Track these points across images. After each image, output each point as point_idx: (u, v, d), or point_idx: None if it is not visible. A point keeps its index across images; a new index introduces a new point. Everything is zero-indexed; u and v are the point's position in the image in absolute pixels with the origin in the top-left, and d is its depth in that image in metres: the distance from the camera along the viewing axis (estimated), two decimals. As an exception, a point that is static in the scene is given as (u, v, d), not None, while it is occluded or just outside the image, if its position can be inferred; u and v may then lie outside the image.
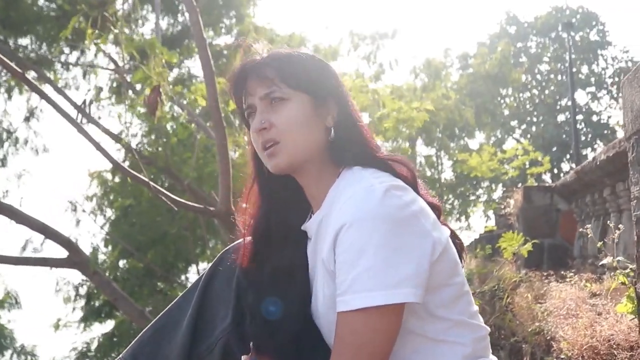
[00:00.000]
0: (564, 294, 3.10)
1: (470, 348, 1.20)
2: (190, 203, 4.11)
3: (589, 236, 2.50)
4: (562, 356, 2.51)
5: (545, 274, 3.63)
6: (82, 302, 8.95)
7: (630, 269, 2.00)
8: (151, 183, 3.80)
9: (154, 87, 4.15)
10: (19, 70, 3.57)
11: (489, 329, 1.28)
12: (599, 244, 2.11)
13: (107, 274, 7.22)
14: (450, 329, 1.19)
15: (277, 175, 1.28)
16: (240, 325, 1.28)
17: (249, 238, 1.35)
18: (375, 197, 1.10)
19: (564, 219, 4.98)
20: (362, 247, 1.07)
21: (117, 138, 5.54)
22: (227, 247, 1.41)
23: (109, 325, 9.16)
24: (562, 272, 3.46)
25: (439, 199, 1.91)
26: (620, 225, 2.10)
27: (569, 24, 19.20)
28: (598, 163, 3.40)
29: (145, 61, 4.45)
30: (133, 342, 1.38)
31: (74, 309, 8.93)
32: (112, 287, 5.96)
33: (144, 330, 1.38)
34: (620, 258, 2.04)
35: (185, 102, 6.28)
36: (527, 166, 8.10)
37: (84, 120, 5.43)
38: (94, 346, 8.90)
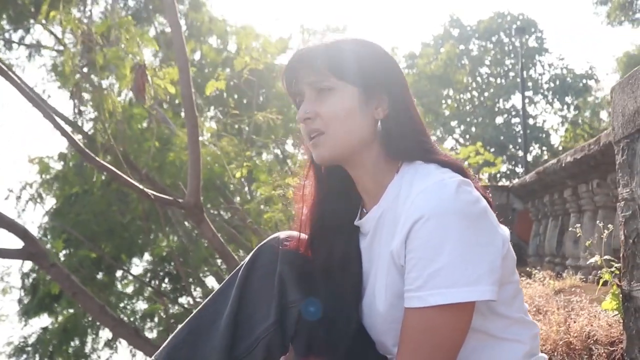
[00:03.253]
0: (531, 290, 3.20)
1: (529, 346, 1.21)
2: (158, 194, 3.97)
3: (578, 235, 2.58)
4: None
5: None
6: (22, 294, 8.55)
7: (616, 267, 2.08)
8: (118, 172, 3.65)
9: (138, 67, 3.98)
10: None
11: (538, 326, 1.29)
12: (587, 242, 2.18)
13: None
14: (510, 326, 1.20)
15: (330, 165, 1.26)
16: (283, 323, 1.24)
17: (302, 226, 1.33)
18: (449, 192, 1.08)
19: (519, 218, 5.14)
20: (439, 243, 1.05)
21: (68, 122, 5.32)
22: (263, 242, 1.36)
23: (45, 319, 8.79)
24: (527, 269, 3.57)
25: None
26: (609, 225, 2.17)
27: (521, 28, 19.88)
28: (563, 165, 3.52)
29: (105, 43, 4.28)
30: (165, 343, 1.30)
31: (20, 300, 8.51)
32: (71, 280, 5.70)
33: (176, 330, 1.31)
34: (607, 257, 2.11)
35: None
36: (480, 166, 8.35)
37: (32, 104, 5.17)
38: (31, 340, 8.54)
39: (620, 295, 2.04)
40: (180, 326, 1.32)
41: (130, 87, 4.25)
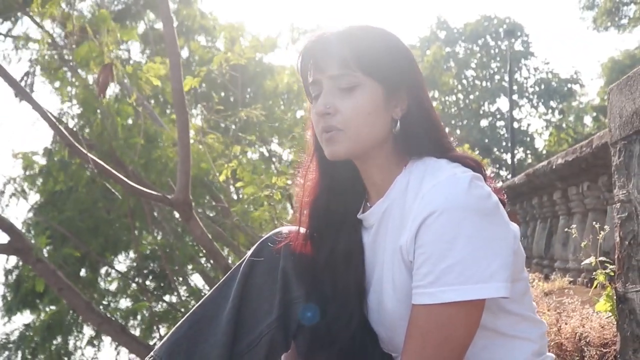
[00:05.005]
0: (520, 292, 3.21)
1: (538, 345, 1.20)
2: (147, 190, 3.92)
3: (573, 236, 2.58)
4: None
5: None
6: (5, 291, 8.43)
7: (611, 269, 2.08)
8: (108, 167, 3.60)
9: (105, 65, 3.94)
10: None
11: (547, 324, 1.28)
12: (583, 243, 2.18)
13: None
14: (519, 323, 1.18)
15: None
16: (286, 320, 1.22)
17: (304, 220, 1.29)
18: (462, 187, 1.05)
19: (506, 219, 5.15)
20: (452, 238, 1.03)
21: (55, 117, 5.23)
22: (265, 237, 1.33)
23: (27, 316, 8.68)
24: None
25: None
26: (605, 227, 2.17)
27: (510, 31, 19.99)
28: (554, 167, 3.53)
29: (95, 36, 4.22)
30: (165, 338, 1.28)
31: (4, 296, 8.39)
32: (57, 276, 5.60)
33: (177, 325, 1.29)
34: (602, 258, 2.11)
35: (127, 83, 6.02)
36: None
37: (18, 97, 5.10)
38: (14, 337, 8.42)
39: (615, 297, 2.04)
40: (180, 321, 1.30)
41: (95, 82, 4.20)
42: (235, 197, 7.94)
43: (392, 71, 1.18)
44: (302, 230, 1.29)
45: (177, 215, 6.77)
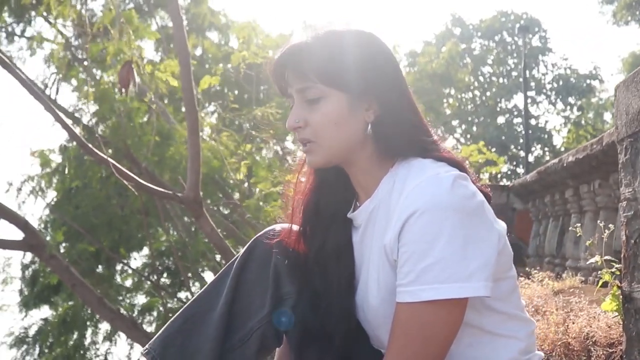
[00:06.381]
0: (530, 291, 3.18)
1: (525, 343, 1.21)
2: (158, 188, 3.97)
3: (578, 235, 2.56)
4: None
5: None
6: (22, 286, 8.57)
7: (617, 268, 2.06)
8: (118, 165, 3.64)
9: (126, 62, 3.97)
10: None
11: (535, 322, 1.29)
12: (588, 242, 2.16)
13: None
14: (506, 322, 1.19)
15: None
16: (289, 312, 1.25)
17: (296, 217, 1.32)
18: (444, 186, 1.06)
19: (519, 218, 5.12)
20: (433, 237, 1.04)
21: (69, 115, 5.30)
22: (258, 235, 1.37)
23: (45, 311, 8.82)
24: (527, 269, 3.55)
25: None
26: (610, 225, 2.15)
27: (524, 27, 19.80)
28: (565, 164, 3.50)
29: (109, 35, 4.26)
30: (160, 331, 1.32)
31: (21, 291, 8.54)
32: (70, 272, 5.70)
33: (171, 320, 1.33)
34: (607, 257, 2.09)
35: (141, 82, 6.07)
36: (482, 165, 8.34)
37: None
38: (32, 331, 8.56)
39: (621, 297, 2.02)
40: (174, 315, 1.33)
41: (117, 81, 4.24)
42: (248, 194, 7.98)
43: (354, 78, 1.18)
44: (295, 227, 1.32)
45: (189, 212, 6.82)
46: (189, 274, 8.35)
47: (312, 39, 1.20)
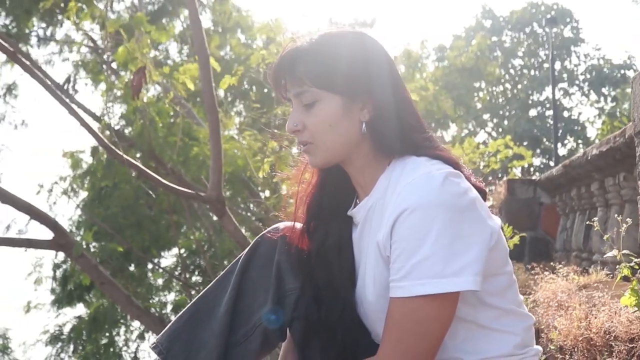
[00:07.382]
0: (554, 285, 3.13)
1: (520, 337, 1.22)
2: (181, 188, 4.02)
3: (595, 229, 2.51)
4: (552, 346, 2.54)
5: (528, 266, 3.66)
6: (54, 285, 8.78)
7: (635, 262, 2.02)
8: (141, 166, 3.70)
9: (139, 68, 4.04)
10: (11, 49, 3.44)
11: (534, 318, 1.29)
12: (606, 236, 2.12)
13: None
14: (501, 317, 1.21)
15: None
16: (280, 310, 1.29)
17: (299, 214, 1.37)
18: (435, 184, 1.10)
19: (546, 212, 5.03)
20: (423, 234, 1.07)
21: (96, 118, 5.40)
22: (262, 233, 1.41)
23: (80, 309, 9.03)
24: (552, 264, 3.50)
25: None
26: (628, 219, 2.11)
27: (552, 19, 19.47)
28: (589, 157, 3.43)
29: (130, 39, 4.33)
30: (167, 327, 1.37)
31: (53, 290, 8.77)
32: (99, 271, 5.84)
33: (178, 315, 1.38)
34: (625, 251, 2.05)
35: (166, 83, 6.15)
36: (509, 159, 8.22)
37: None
38: (66, 329, 8.78)
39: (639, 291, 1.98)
40: (182, 311, 1.38)
41: (129, 85, 4.30)
42: (275, 191, 8.03)
43: (347, 80, 1.22)
44: (298, 225, 1.36)
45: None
46: (218, 273, 8.44)
47: (307, 44, 1.25)
